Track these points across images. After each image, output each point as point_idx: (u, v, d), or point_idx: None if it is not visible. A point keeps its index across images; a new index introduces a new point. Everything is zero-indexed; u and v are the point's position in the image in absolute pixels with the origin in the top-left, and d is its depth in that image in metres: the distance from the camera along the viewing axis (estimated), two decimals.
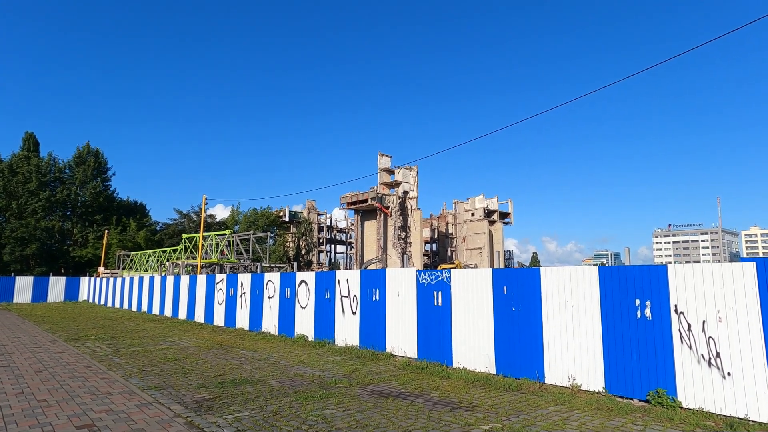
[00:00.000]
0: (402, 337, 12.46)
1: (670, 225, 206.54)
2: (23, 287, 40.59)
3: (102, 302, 38.36)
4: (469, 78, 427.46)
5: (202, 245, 38.80)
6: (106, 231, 57.00)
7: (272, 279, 18.14)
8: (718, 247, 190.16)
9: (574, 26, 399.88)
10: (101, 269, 49.83)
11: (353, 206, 70.54)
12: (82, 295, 43.31)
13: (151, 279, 29.59)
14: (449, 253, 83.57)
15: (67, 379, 9.77)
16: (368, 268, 60.92)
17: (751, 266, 7.18)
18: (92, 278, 43.02)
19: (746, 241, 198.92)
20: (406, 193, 69.11)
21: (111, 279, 37.22)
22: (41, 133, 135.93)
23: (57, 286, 42.19)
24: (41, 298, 41.00)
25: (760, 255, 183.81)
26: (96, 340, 16.32)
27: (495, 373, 10.19)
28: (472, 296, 10.88)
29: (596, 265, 9.13)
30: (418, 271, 12.33)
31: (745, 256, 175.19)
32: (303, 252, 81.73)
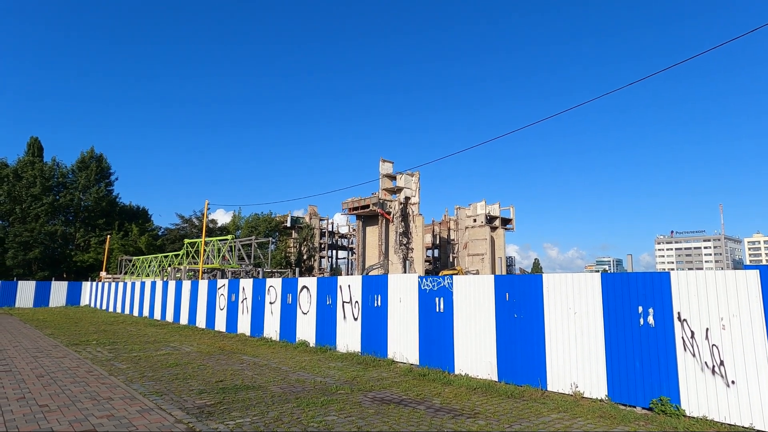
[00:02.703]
0: (404, 343, 12.43)
1: (672, 232, 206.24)
2: (25, 292, 40.62)
3: (104, 307, 38.36)
4: (471, 85, 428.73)
5: (204, 250, 38.82)
6: (108, 236, 57.12)
7: (274, 284, 18.13)
8: (720, 254, 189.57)
9: (576, 34, 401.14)
10: (103, 274, 49.89)
11: (355, 212, 70.58)
12: (84, 300, 43.32)
13: (153, 284, 29.60)
14: (451, 259, 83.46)
15: (68, 384, 9.76)
16: (370, 273, 60.85)
17: (755, 273, 7.16)
18: (94, 283, 43.05)
19: (749, 248, 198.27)
20: (407, 198, 69.17)
21: (113, 284, 37.24)
22: (45, 137, 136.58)
23: (59, 291, 42.20)
24: (43, 302, 41.02)
25: (764, 262, 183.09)
26: (97, 345, 16.32)
27: (497, 380, 10.14)
28: (474, 303, 10.86)
29: (598, 271, 9.11)
30: (420, 277, 12.31)
31: (748, 263, 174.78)
32: (304, 257, 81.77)
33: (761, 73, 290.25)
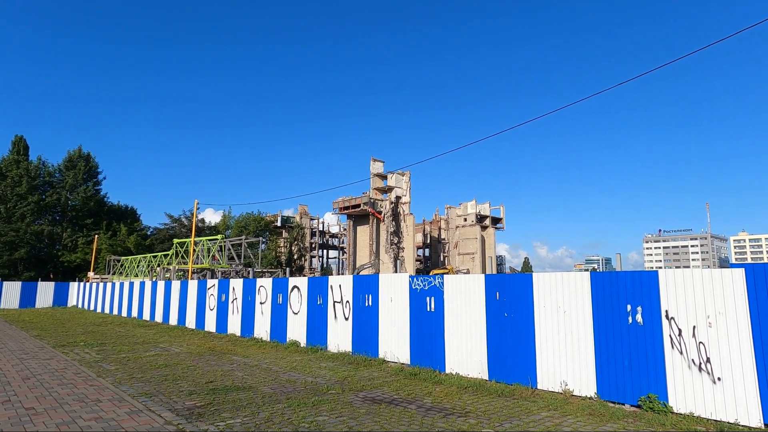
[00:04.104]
0: (395, 342, 12.44)
1: (660, 230, 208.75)
2: (11, 292, 40.03)
3: (91, 308, 37.93)
4: (460, 84, 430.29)
5: (194, 250, 38.53)
6: (96, 236, 56.46)
7: (264, 284, 18.05)
8: (707, 252, 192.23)
9: (564, 35, 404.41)
10: (91, 274, 49.30)
11: (346, 211, 70.51)
12: (71, 301, 42.80)
13: (142, 284, 29.32)
14: (441, 258, 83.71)
15: (55, 386, 9.63)
16: (360, 273, 60.81)
17: (740, 272, 7.26)
18: (82, 283, 42.54)
19: (735, 247, 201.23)
20: (398, 198, 69.22)
21: (101, 284, 36.83)
22: (31, 136, 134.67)
23: (45, 292, 41.65)
24: (29, 303, 40.45)
25: (749, 260, 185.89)
26: (85, 346, 16.13)
27: (488, 378, 10.19)
28: (464, 302, 10.90)
29: (587, 270, 9.20)
30: (410, 276, 12.32)
31: (734, 261, 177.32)
32: (295, 257, 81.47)
33: (747, 74, 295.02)
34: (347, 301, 14.06)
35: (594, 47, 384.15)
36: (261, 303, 18.03)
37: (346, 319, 14.01)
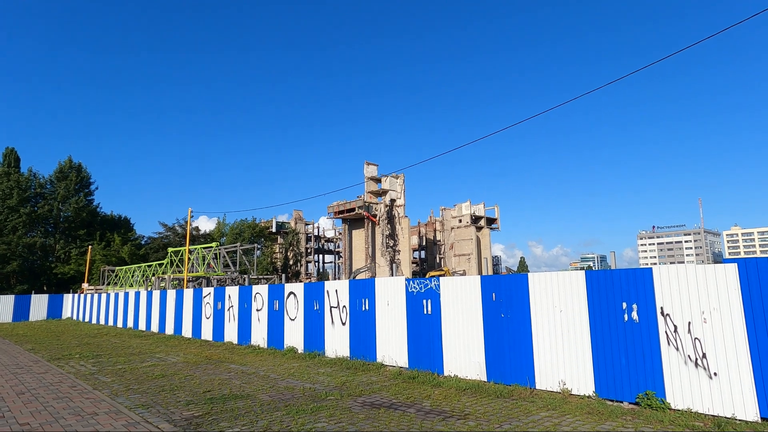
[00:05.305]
0: (392, 346, 12.41)
1: (654, 227, 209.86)
2: (4, 306, 39.60)
3: (86, 319, 37.59)
4: (453, 86, 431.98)
5: (189, 258, 38.33)
6: (90, 246, 56.05)
7: (260, 291, 17.98)
8: (701, 247, 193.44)
9: (554, 36, 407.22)
10: (85, 286, 48.90)
11: (341, 215, 70.41)
12: (66, 313, 42.41)
13: (137, 294, 29.11)
14: (437, 260, 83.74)
15: (50, 400, 9.53)
16: (357, 277, 60.70)
17: (734, 267, 7.31)
18: (76, 295, 42.17)
19: (728, 241, 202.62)
20: (393, 201, 69.20)
21: (95, 295, 36.53)
22: (22, 148, 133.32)
23: (39, 304, 41.23)
24: (23, 316, 40.03)
25: (742, 255, 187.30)
26: (80, 358, 15.98)
27: (486, 380, 10.19)
28: (461, 304, 10.90)
29: (583, 268, 9.23)
30: (407, 279, 12.32)
31: (727, 256, 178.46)
32: (291, 263, 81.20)
33: (738, 70, 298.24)
34: (344, 306, 14.02)
35: (584, 47, 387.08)
36: (257, 310, 17.95)
37: (343, 324, 13.98)
